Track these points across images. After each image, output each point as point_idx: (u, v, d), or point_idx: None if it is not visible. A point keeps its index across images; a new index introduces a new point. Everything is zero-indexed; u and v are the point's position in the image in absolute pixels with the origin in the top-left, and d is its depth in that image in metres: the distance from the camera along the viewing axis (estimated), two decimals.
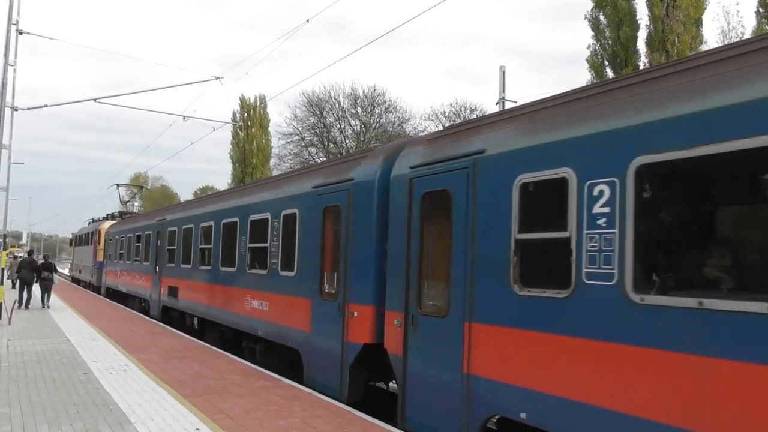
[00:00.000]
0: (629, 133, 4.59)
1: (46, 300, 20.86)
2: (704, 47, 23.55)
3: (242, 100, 50.41)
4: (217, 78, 22.03)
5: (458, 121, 38.88)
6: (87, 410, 7.27)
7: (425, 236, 6.89)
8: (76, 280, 41.08)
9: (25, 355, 11.10)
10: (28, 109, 21.33)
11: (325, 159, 43.80)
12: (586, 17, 26.36)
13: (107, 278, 27.92)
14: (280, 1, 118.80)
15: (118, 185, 34.10)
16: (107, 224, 30.49)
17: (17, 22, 18.61)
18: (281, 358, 10.35)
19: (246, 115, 50.53)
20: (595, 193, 4.77)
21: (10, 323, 15.93)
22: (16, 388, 8.37)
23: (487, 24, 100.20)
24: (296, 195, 9.87)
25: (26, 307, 20.17)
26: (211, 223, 13.62)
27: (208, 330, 14.25)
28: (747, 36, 23.96)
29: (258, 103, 50.49)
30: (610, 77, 23.37)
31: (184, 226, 15.79)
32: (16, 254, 35.76)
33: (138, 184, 38.32)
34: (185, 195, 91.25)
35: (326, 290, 8.78)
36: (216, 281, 13.22)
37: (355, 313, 7.92)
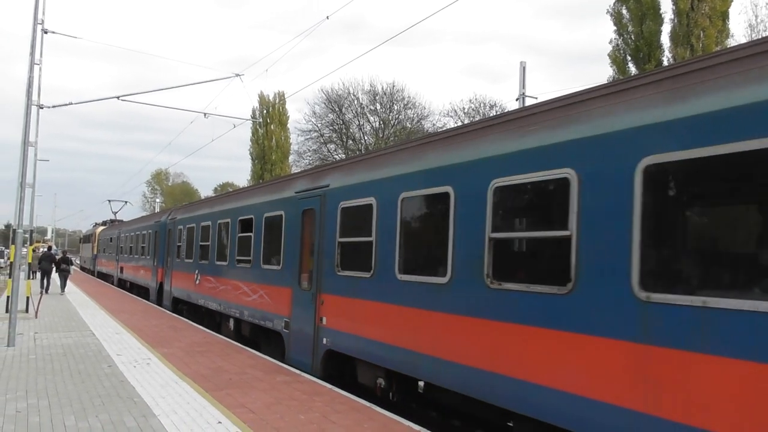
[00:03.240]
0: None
1: (63, 286, 25.91)
2: (731, 42, 23.01)
3: (261, 97, 50.53)
4: (237, 75, 22.14)
5: (477, 117, 38.68)
6: (112, 402, 7.40)
7: (167, 245, 20.11)
8: (83, 269, 53.55)
9: (52, 348, 11.34)
10: (53, 107, 21.66)
11: (344, 155, 43.88)
12: (608, 11, 25.92)
13: (98, 266, 42.50)
14: (298, 3, 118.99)
15: (110, 201, 45.74)
16: (100, 229, 43.21)
17: (42, 21, 18.93)
18: (146, 294, 23.44)
19: (265, 112, 50.73)
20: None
21: (36, 316, 16.29)
22: (43, 380, 8.55)
23: (504, 21, 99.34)
24: (150, 224, 23.51)
25: (46, 292, 23.82)
26: (132, 234, 27.60)
27: (134, 288, 27.13)
28: None
29: (277, 100, 50.61)
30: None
31: (125, 234, 30.14)
32: (42, 248, 38.76)
33: (124, 200, 46.65)
34: (206, 191, 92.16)
35: (154, 263, 21.84)
36: (134, 263, 26.88)
37: (159, 271, 20.97)
